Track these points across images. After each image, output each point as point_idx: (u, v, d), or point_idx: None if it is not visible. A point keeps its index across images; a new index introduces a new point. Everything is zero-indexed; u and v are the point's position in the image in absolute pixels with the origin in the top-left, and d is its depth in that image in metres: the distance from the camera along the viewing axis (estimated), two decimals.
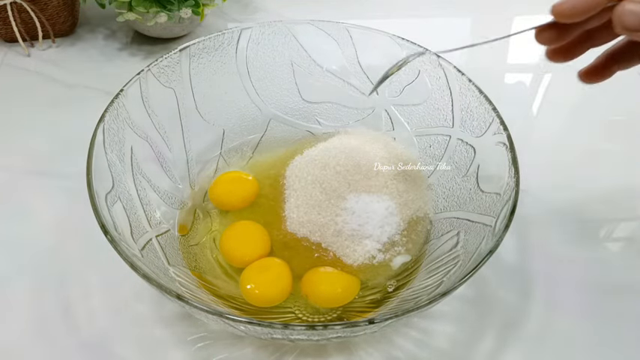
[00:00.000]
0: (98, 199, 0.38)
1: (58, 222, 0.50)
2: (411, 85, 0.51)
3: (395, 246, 0.45)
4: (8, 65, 0.67)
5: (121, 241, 0.37)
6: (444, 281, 0.40)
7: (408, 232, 0.45)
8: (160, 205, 0.46)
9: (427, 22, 0.71)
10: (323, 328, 0.33)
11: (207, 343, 0.43)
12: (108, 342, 0.43)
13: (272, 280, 0.43)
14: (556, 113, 0.65)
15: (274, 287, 0.43)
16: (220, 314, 0.33)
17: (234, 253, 0.45)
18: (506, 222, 0.37)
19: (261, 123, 0.55)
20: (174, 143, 0.49)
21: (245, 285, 0.43)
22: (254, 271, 0.44)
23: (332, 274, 0.44)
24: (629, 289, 0.48)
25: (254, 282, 0.43)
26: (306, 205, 0.45)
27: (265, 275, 0.44)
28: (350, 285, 0.43)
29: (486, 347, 0.43)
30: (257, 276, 0.43)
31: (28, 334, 0.43)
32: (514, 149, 0.41)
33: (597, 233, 0.52)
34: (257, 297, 0.43)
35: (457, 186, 0.47)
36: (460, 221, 0.45)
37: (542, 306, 0.46)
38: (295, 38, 0.53)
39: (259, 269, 0.44)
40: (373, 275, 0.44)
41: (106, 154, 0.41)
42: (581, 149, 0.60)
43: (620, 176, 0.57)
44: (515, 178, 0.40)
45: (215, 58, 0.51)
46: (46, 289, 0.46)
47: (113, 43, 0.71)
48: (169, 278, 0.40)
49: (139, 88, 0.46)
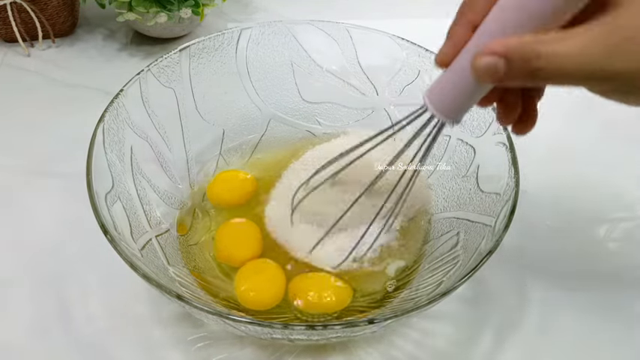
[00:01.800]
0: (98, 199, 0.38)
1: (57, 222, 0.50)
2: (411, 85, 0.51)
3: (390, 253, 0.44)
4: (8, 65, 0.67)
5: (121, 240, 0.37)
6: (444, 281, 0.40)
7: (405, 237, 0.45)
8: (159, 204, 0.46)
9: (427, 22, 0.71)
10: (323, 328, 0.33)
11: (207, 343, 0.43)
12: (107, 342, 0.43)
13: (265, 283, 0.43)
14: (556, 113, 0.64)
15: (267, 291, 0.43)
16: (220, 314, 0.33)
17: (225, 252, 0.45)
18: (505, 222, 0.38)
19: (261, 123, 0.55)
20: (174, 143, 0.49)
21: (239, 288, 0.43)
22: (247, 274, 0.44)
23: (319, 281, 0.43)
24: (629, 289, 0.48)
25: (247, 285, 0.43)
26: (286, 206, 0.45)
27: (258, 278, 0.43)
28: (339, 292, 0.43)
29: (485, 347, 0.43)
30: (250, 279, 0.43)
31: (28, 333, 0.43)
32: (514, 149, 0.41)
33: (597, 233, 0.52)
34: (251, 300, 0.42)
35: (457, 186, 0.47)
36: (460, 221, 0.45)
37: (541, 306, 0.46)
38: (295, 38, 0.53)
39: (253, 271, 0.44)
40: (367, 281, 0.44)
41: (105, 154, 0.41)
42: (582, 149, 0.60)
43: (621, 176, 0.57)
44: (515, 178, 0.40)
45: (215, 58, 0.51)
46: (46, 289, 0.46)
47: (113, 43, 0.71)
48: (169, 278, 0.40)
49: (138, 88, 0.46)
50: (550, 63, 0.26)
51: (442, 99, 0.32)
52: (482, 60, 0.27)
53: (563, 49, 0.26)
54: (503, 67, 0.27)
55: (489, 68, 0.27)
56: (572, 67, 0.26)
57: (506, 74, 0.27)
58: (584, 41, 0.26)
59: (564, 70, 0.26)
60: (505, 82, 0.27)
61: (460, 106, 0.32)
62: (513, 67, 0.26)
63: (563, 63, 0.26)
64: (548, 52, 0.26)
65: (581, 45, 0.26)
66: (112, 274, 0.44)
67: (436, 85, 0.32)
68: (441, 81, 0.32)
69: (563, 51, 0.26)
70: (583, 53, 0.26)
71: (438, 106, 0.32)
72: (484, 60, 0.27)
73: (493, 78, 0.27)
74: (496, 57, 0.27)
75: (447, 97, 0.32)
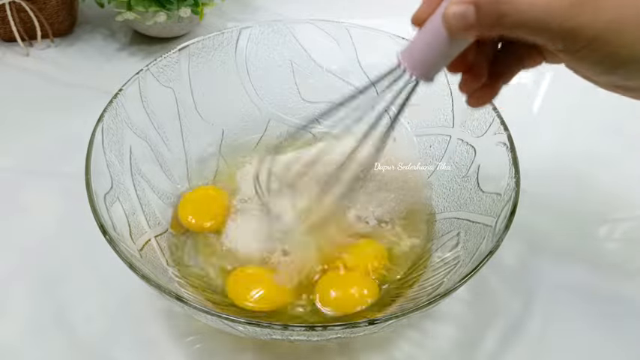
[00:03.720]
0: (97, 199, 0.37)
1: (56, 222, 0.50)
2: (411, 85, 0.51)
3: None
4: (7, 65, 0.67)
5: (120, 241, 0.37)
6: (444, 282, 0.40)
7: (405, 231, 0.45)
8: (159, 205, 0.46)
9: None
10: (323, 329, 0.33)
11: (207, 343, 0.43)
12: (107, 343, 0.42)
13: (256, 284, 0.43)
14: (557, 113, 0.64)
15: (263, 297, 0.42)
16: (219, 315, 0.33)
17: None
18: (506, 222, 0.37)
19: (260, 123, 0.55)
20: (173, 143, 0.49)
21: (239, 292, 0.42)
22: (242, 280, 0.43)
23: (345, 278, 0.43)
24: (629, 290, 0.48)
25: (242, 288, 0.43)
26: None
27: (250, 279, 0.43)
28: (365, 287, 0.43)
29: (487, 348, 0.43)
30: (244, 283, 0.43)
31: (26, 333, 0.43)
32: (514, 149, 0.41)
33: (597, 233, 0.52)
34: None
35: (457, 186, 0.47)
36: (460, 221, 0.45)
37: (542, 307, 0.46)
38: (295, 38, 0.53)
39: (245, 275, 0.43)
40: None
41: (104, 154, 0.41)
42: (582, 149, 0.60)
43: (621, 176, 0.57)
44: (516, 179, 0.40)
45: (214, 57, 0.51)
46: (45, 288, 0.45)
47: (112, 43, 0.71)
48: (168, 279, 0.40)
49: (137, 88, 0.45)
50: (515, 10, 0.27)
51: (415, 57, 0.32)
52: (452, 8, 0.28)
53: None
54: (473, 14, 0.28)
55: (460, 16, 0.28)
56: (536, 16, 0.27)
57: (476, 21, 0.28)
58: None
59: (528, 18, 0.27)
60: (474, 31, 0.28)
61: (433, 63, 0.32)
62: (481, 13, 0.27)
63: (527, 11, 0.27)
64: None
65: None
66: (111, 274, 0.44)
67: (410, 45, 0.33)
68: (415, 40, 0.32)
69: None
70: (548, 3, 0.26)
71: (411, 64, 0.33)
72: (454, 8, 0.28)
73: (464, 26, 0.28)
74: (466, 4, 0.28)
75: (421, 54, 0.32)
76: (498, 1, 0.27)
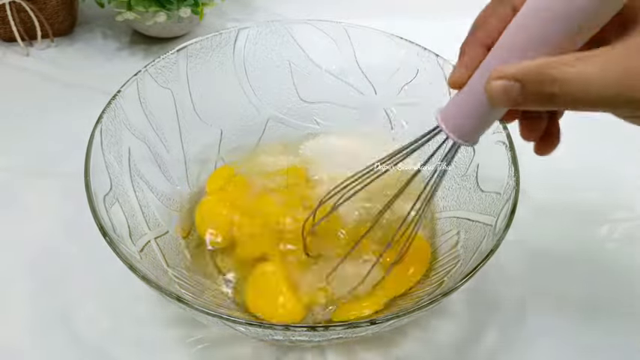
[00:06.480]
0: (96, 200, 0.37)
1: (56, 223, 0.50)
2: (410, 84, 0.51)
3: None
4: (7, 65, 0.67)
5: (120, 242, 0.36)
6: (445, 281, 0.40)
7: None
8: (158, 206, 0.46)
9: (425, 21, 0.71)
10: (324, 329, 0.33)
11: (208, 344, 0.43)
12: (107, 344, 0.43)
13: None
14: None
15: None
16: (220, 316, 0.33)
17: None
18: (506, 221, 0.37)
19: (259, 123, 0.55)
20: (171, 144, 0.49)
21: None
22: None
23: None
24: (629, 289, 0.48)
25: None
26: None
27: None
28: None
29: (487, 347, 0.43)
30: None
31: (27, 334, 0.43)
32: (514, 148, 0.41)
33: (597, 233, 0.52)
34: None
35: (456, 185, 0.47)
36: (460, 220, 0.45)
37: (542, 305, 0.46)
38: (293, 38, 0.53)
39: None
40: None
41: (103, 155, 0.41)
42: (582, 148, 0.59)
43: (621, 176, 0.56)
44: (516, 177, 0.40)
45: (213, 58, 0.51)
46: (45, 290, 0.45)
47: (112, 43, 0.71)
48: (168, 279, 0.40)
49: (136, 89, 0.45)
50: (565, 88, 0.24)
51: (457, 121, 0.31)
52: (495, 84, 0.26)
53: (579, 73, 0.24)
54: (518, 92, 0.25)
55: (503, 92, 0.26)
56: (588, 92, 0.24)
57: (521, 98, 0.26)
58: (602, 64, 0.24)
59: (580, 95, 0.25)
60: (522, 106, 0.26)
61: (476, 127, 0.31)
62: (527, 91, 0.25)
63: (579, 88, 0.24)
64: (564, 77, 0.24)
65: (599, 68, 0.24)
66: (112, 275, 0.44)
67: (450, 107, 0.32)
68: (455, 102, 0.31)
69: (578, 75, 0.24)
70: (600, 77, 0.24)
71: (452, 128, 0.31)
72: (497, 84, 0.26)
73: (507, 102, 0.26)
74: (510, 81, 0.25)
75: (462, 119, 0.31)
76: (544, 80, 0.24)
